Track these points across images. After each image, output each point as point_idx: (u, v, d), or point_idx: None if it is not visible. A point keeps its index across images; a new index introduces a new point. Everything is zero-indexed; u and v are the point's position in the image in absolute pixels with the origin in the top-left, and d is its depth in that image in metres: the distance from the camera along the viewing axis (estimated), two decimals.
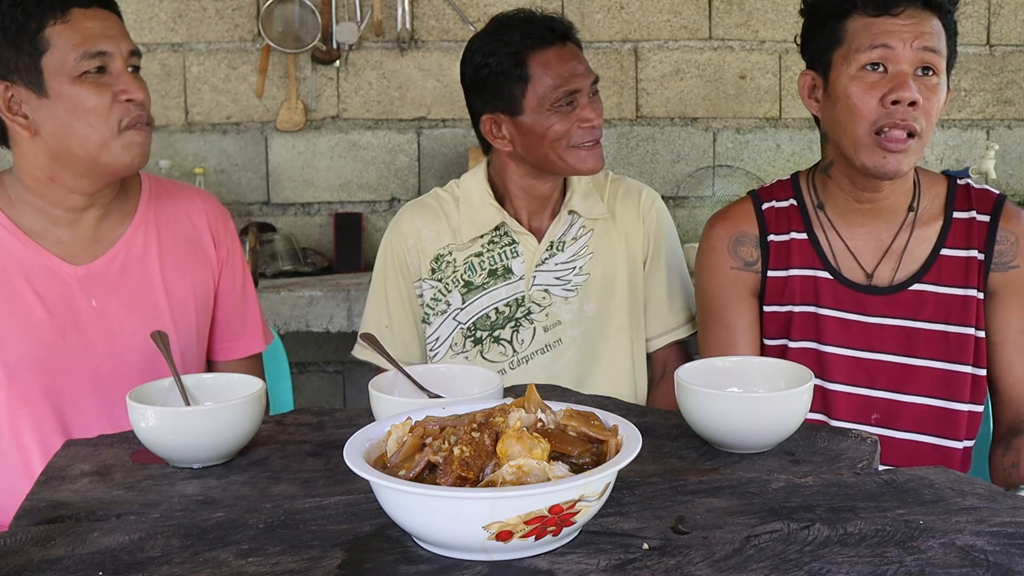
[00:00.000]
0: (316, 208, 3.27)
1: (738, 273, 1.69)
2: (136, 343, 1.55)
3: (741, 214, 1.71)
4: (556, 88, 1.77)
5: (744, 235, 1.69)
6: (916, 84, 1.49)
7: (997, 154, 3.16)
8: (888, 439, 1.60)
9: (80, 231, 1.55)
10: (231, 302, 1.70)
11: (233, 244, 1.71)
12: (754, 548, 0.89)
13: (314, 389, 3.38)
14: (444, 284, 1.89)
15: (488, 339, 1.88)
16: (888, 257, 1.61)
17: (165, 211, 1.64)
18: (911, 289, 1.60)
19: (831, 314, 1.63)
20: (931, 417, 1.61)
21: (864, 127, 1.51)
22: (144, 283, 1.58)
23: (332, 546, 0.92)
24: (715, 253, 1.71)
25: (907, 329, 1.60)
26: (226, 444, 1.18)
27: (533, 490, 0.83)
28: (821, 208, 1.66)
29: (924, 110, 1.49)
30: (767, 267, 1.67)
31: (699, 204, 3.39)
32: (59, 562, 0.90)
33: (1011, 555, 0.86)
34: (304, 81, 3.19)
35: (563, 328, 1.89)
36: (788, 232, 1.67)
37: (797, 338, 1.64)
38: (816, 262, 1.64)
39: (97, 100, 1.45)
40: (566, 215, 1.90)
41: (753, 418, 1.16)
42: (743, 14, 3.30)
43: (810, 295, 1.64)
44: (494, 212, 1.88)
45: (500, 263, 1.89)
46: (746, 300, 1.69)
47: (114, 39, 1.47)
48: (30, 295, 1.50)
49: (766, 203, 1.70)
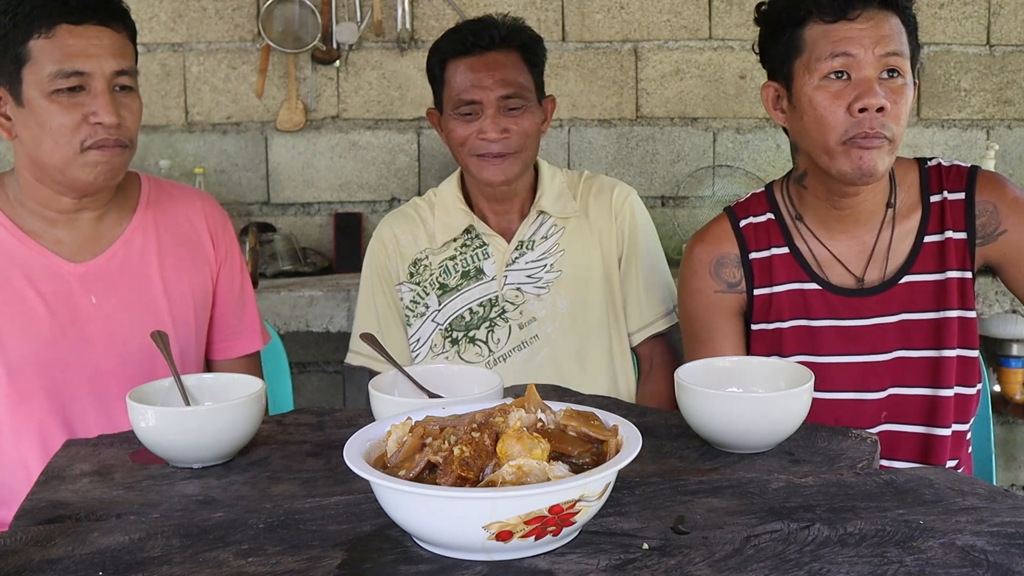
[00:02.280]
0: (316, 208, 3.26)
1: (722, 296, 1.66)
2: (135, 340, 1.56)
3: (720, 235, 1.68)
4: (456, 95, 1.84)
5: (725, 256, 1.67)
6: (882, 88, 1.46)
7: (997, 154, 3.16)
8: (900, 434, 1.59)
9: (78, 231, 1.56)
10: (229, 302, 1.72)
11: (231, 245, 1.73)
12: (754, 548, 0.89)
13: (314, 389, 3.38)
14: (422, 287, 1.94)
15: (464, 339, 1.92)
16: (875, 258, 1.60)
17: (164, 212, 1.65)
18: (902, 283, 1.58)
19: (826, 324, 1.60)
20: (924, 406, 1.59)
21: (834, 137, 1.48)
22: (143, 281, 1.59)
23: (332, 546, 0.92)
24: (697, 277, 1.68)
25: (904, 323, 1.59)
26: (226, 444, 1.18)
27: (533, 490, 0.83)
28: (800, 219, 1.63)
29: (893, 115, 1.46)
30: (752, 286, 1.65)
31: (699, 204, 3.39)
32: (59, 562, 0.90)
33: (1011, 555, 0.86)
34: (304, 81, 3.19)
35: (538, 324, 1.91)
36: (768, 248, 1.64)
37: (789, 353, 1.61)
38: (802, 275, 1.62)
39: (63, 119, 1.44)
40: (535, 215, 1.94)
41: (753, 418, 1.16)
42: (743, 14, 3.30)
43: (800, 309, 1.61)
44: (463, 216, 1.94)
45: (472, 264, 1.93)
46: (731, 322, 1.67)
47: (97, 58, 1.44)
48: (31, 293, 1.51)
49: (743, 220, 1.67)
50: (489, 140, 1.83)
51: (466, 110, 1.83)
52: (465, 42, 1.85)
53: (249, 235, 2.91)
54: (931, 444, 1.59)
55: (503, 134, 1.83)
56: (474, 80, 1.83)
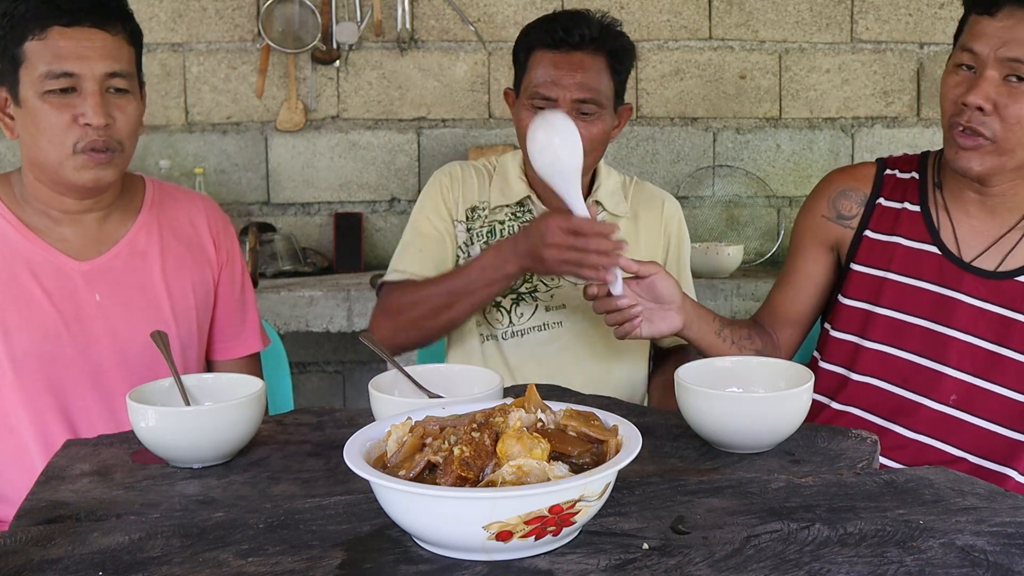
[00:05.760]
0: (316, 208, 3.27)
1: (825, 223, 1.71)
2: (138, 337, 1.57)
3: (860, 173, 1.72)
4: (533, 86, 1.81)
5: (852, 190, 1.70)
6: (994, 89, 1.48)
7: None
8: (963, 423, 1.58)
9: (83, 230, 1.58)
10: (230, 303, 1.74)
11: (233, 247, 1.75)
12: (754, 548, 0.89)
13: (314, 389, 3.38)
14: (471, 234, 1.92)
15: (490, 301, 1.89)
16: (994, 249, 1.59)
17: (167, 213, 1.67)
18: (1017, 280, 1.57)
19: (930, 288, 1.60)
20: (1013, 411, 1.57)
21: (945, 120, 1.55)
22: (145, 279, 1.61)
23: (332, 546, 0.92)
24: (815, 197, 1.73)
25: (1004, 318, 1.57)
26: (226, 444, 1.18)
27: (533, 490, 0.83)
28: (939, 187, 1.65)
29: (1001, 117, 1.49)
30: (864, 226, 1.67)
31: (699, 204, 3.39)
32: (59, 562, 0.90)
33: (1011, 555, 0.86)
34: (304, 81, 3.19)
35: (566, 312, 1.90)
36: (902, 201, 1.66)
37: (886, 305, 1.62)
38: (926, 235, 1.63)
39: (55, 120, 1.46)
40: (591, 205, 1.87)
41: (753, 418, 1.16)
42: (743, 14, 3.30)
43: (911, 267, 1.62)
44: (522, 186, 1.92)
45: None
46: (821, 250, 1.72)
47: (87, 60, 1.45)
48: (36, 289, 1.53)
49: (889, 170, 1.70)
50: None
51: (540, 103, 1.79)
52: (555, 35, 1.80)
53: (249, 235, 2.91)
54: (1016, 448, 1.57)
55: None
56: (554, 77, 1.79)
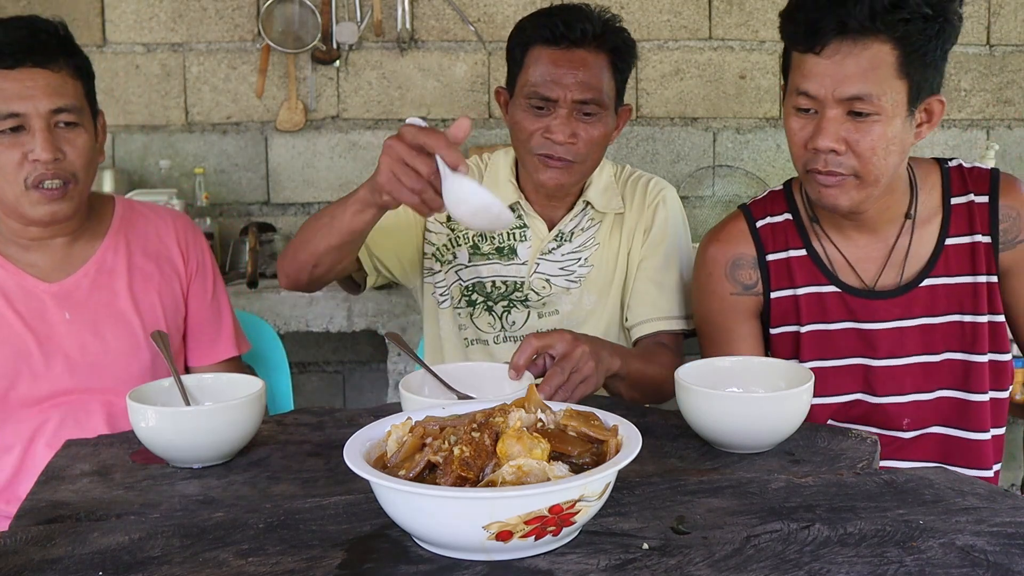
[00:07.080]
0: (316, 208, 3.26)
1: (738, 299, 1.63)
2: (108, 351, 1.63)
3: (736, 234, 1.64)
4: (531, 85, 1.73)
5: (741, 257, 1.63)
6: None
7: (997, 154, 3.16)
8: (921, 438, 1.57)
9: (51, 253, 1.64)
10: (202, 309, 1.79)
11: (204, 258, 1.80)
12: (754, 548, 0.89)
13: (314, 389, 3.38)
14: (455, 236, 1.88)
15: (481, 306, 1.87)
16: (889, 267, 1.57)
17: (135, 230, 1.73)
18: (922, 285, 1.55)
19: (844, 327, 1.57)
20: (954, 410, 1.57)
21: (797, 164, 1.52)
22: (112, 297, 1.67)
23: (332, 546, 0.92)
24: (713, 279, 1.64)
25: (925, 327, 1.55)
26: (226, 444, 1.18)
27: (533, 490, 0.83)
28: (816, 221, 1.60)
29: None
30: (769, 288, 1.62)
31: (699, 204, 3.39)
32: (59, 562, 0.90)
33: (1011, 555, 0.86)
34: (304, 81, 3.19)
35: (560, 319, 1.86)
36: (786, 249, 1.61)
37: (807, 358, 1.58)
38: (820, 277, 1.59)
39: (7, 159, 1.52)
40: (581, 205, 1.87)
41: (753, 418, 1.16)
42: (743, 14, 3.30)
43: (817, 312, 1.58)
44: (512, 190, 1.85)
45: (507, 242, 1.86)
46: (748, 324, 1.64)
47: (31, 100, 1.51)
48: (9, 312, 1.59)
49: (760, 220, 1.64)
50: (555, 142, 1.72)
51: (538, 103, 1.72)
52: (554, 31, 1.71)
53: (249, 235, 2.91)
54: (977, 449, 1.57)
55: (570, 139, 1.72)
56: (554, 76, 1.71)
